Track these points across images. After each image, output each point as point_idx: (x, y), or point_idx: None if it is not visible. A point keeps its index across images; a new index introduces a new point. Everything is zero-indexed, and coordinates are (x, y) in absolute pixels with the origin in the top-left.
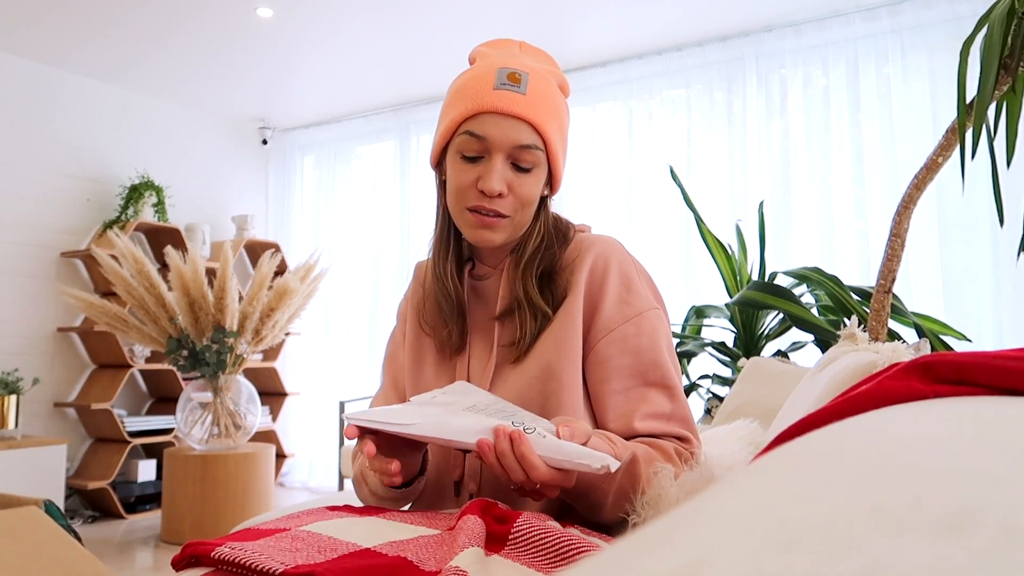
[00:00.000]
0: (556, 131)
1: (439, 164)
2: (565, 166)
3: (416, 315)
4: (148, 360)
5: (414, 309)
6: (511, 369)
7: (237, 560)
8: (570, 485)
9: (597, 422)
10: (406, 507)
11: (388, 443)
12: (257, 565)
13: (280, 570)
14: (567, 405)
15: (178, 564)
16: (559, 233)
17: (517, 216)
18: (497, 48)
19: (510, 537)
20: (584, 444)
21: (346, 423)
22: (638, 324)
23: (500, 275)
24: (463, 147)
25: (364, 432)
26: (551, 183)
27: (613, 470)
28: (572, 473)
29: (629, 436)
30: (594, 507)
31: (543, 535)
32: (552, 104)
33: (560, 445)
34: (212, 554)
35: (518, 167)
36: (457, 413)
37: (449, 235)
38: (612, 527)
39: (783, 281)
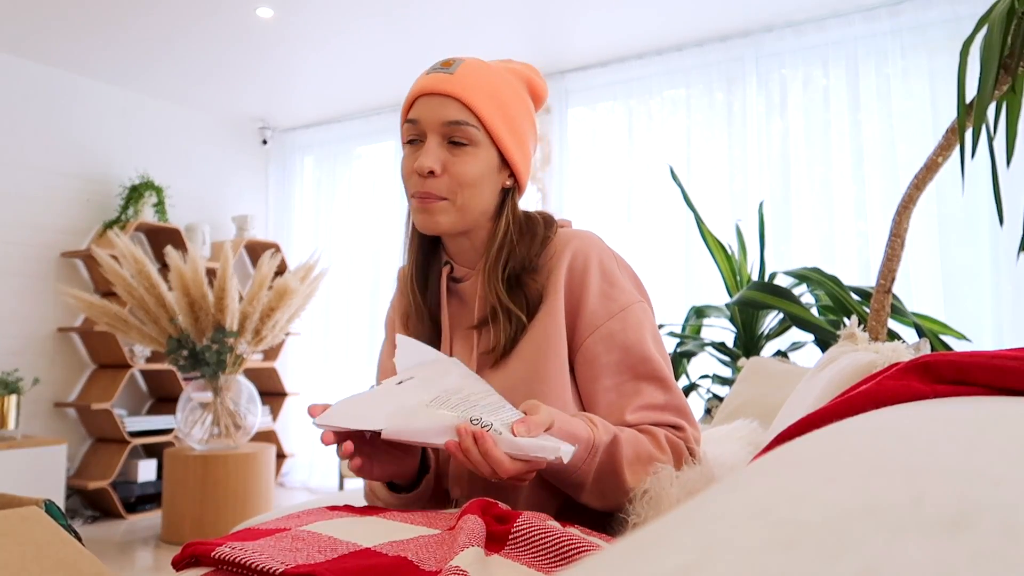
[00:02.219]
0: (493, 110)
1: None
2: (525, 157)
3: (403, 320)
4: (148, 360)
5: (400, 316)
6: (495, 373)
7: (237, 560)
8: (533, 473)
9: None
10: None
11: (372, 442)
12: (257, 565)
13: (280, 570)
14: (554, 406)
15: (178, 564)
16: (532, 231)
17: (458, 198)
18: None
19: (510, 537)
20: (548, 430)
21: (317, 428)
22: (623, 320)
23: (478, 276)
24: (405, 136)
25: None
26: (515, 176)
27: (565, 461)
28: (536, 462)
29: None
30: (576, 486)
31: (543, 535)
32: (485, 83)
33: (515, 442)
34: (212, 554)
35: (454, 143)
36: (420, 409)
37: (414, 239)
38: (612, 527)
39: (783, 281)
